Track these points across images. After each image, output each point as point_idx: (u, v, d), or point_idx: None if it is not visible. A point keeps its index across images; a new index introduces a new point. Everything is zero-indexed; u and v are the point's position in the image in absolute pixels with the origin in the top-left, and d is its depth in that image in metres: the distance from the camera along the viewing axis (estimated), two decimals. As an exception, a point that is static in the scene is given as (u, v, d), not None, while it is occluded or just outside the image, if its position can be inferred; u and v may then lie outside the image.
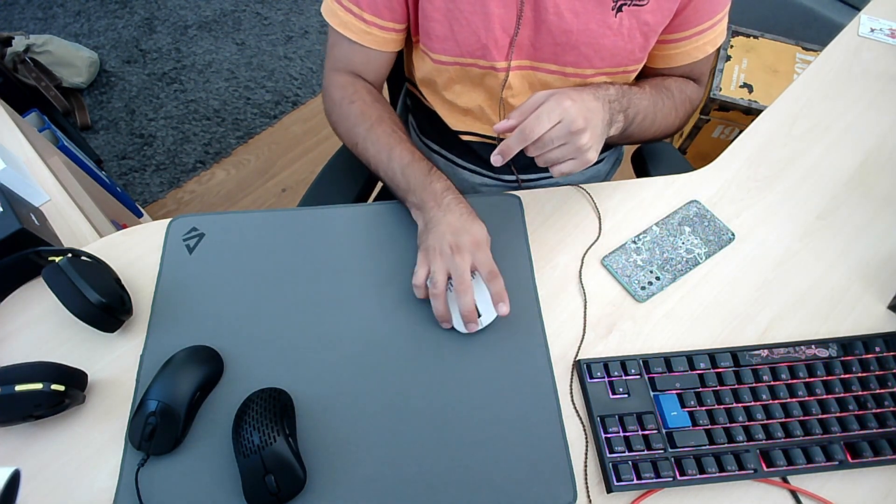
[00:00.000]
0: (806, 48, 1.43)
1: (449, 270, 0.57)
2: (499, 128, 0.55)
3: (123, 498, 0.51)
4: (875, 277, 0.64)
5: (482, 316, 0.58)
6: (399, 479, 0.52)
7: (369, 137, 0.66)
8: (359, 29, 0.66)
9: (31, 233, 0.60)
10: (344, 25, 0.66)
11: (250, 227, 0.66)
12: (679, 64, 0.70)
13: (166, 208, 1.60)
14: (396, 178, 0.64)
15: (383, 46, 0.68)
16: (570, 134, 0.53)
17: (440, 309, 0.58)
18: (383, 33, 0.66)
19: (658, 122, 0.69)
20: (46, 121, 1.32)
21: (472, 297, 0.56)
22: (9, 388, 0.49)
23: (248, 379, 0.57)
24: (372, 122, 0.67)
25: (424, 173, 0.62)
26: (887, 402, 0.56)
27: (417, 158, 0.64)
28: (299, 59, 1.90)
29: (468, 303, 0.56)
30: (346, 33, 0.66)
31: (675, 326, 0.61)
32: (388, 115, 0.68)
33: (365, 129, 0.66)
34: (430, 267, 0.58)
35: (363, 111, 0.67)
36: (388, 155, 0.64)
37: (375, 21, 0.65)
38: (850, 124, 0.76)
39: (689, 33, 0.66)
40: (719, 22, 0.67)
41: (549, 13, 0.60)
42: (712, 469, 0.52)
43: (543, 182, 0.83)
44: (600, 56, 0.64)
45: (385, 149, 0.65)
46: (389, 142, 0.65)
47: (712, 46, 0.69)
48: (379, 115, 0.67)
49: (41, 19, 1.95)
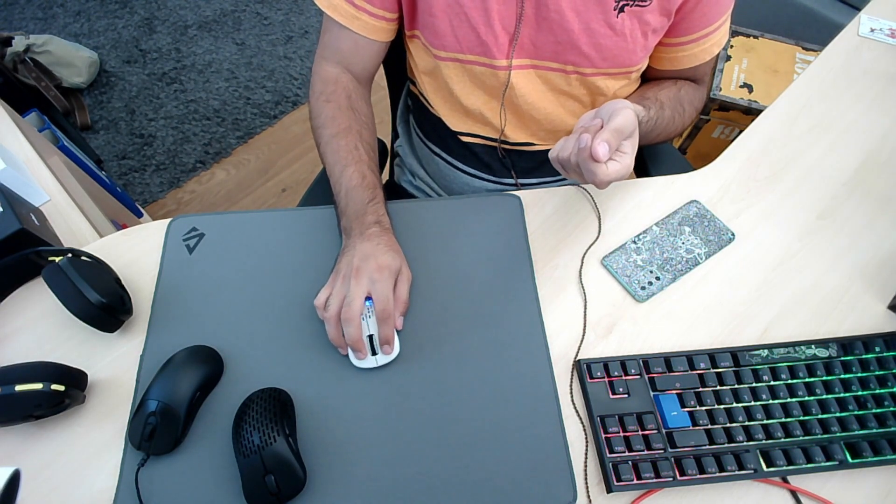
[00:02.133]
0: (806, 48, 1.43)
1: (343, 295, 0.55)
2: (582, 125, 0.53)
3: (123, 498, 0.51)
4: (875, 277, 0.64)
5: (377, 354, 0.56)
6: (399, 479, 0.52)
7: (330, 144, 0.65)
8: (347, 13, 0.65)
9: (31, 233, 0.60)
10: (333, 8, 0.65)
11: (250, 227, 0.66)
12: (684, 66, 0.70)
13: (166, 208, 1.60)
14: (339, 197, 0.63)
15: (372, 34, 0.68)
16: (631, 141, 0.53)
17: (331, 333, 0.56)
18: (373, 20, 0.66)
19: (663, 135, 0.70)
20: (46, 121, 1.32)
21: (356, 328, 0.54)
22: (9, 388, 0.49)
23: (248, 379, 0.57)
24: (338, 130, 0.66)
25: (364, 202, 0.61)
26: (887, 402, 0.56)
27: (366, 185, 0.62)
28: (299, 59, 1.89)
29: (351, 333, 0.54)
30: (335, 16, 0.66)
31: (675, 326, 0.61)
32: (357, 126, 0.67)
33: (329, 135, 0.66)
34: (330, 290, 0.57)
35: (333, 116, 0.67)
36: (340, 170, 0.63)
37: (365, 6, 0.65)
38: (850, 124, 0.76)
39: (696, 36, 0.67)
40: (724, 23, 0.67)
41: (550, 11, 0.60)
42: (712, 469, 0.52)
43: (542, 186, 0.83)
44: (602, 56, 0.64)
45: (340, 163, 0.64)
46: (346, 158, 0.64)
47: (717, 48, 0.69)
48: (347, 126, 0.66)
49: (41, 19, 1.95)
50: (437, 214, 0.68)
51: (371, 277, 0.56)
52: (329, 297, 0.56)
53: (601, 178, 0.51)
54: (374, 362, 0.57)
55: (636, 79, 0.74)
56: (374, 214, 0.61)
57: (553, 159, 0.55)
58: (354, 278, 0.56)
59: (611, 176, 0.51)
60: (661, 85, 0.72)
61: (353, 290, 0.55)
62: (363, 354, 0.56)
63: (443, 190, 0.87)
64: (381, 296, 0.56)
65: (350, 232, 0.60)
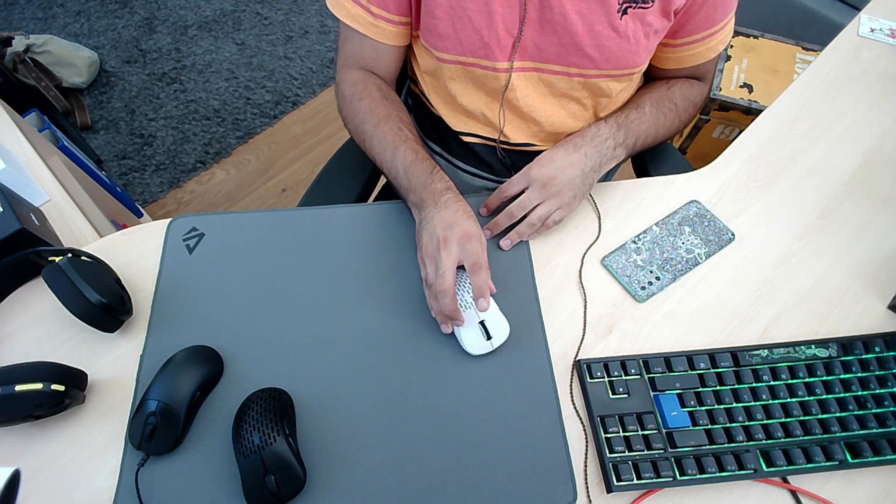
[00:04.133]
0: (806, 48, 1.43)
1: (435, 269, 0.57)
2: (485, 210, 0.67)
3: (123, 498, 0.51)
4: (875, 277, 0.64)
5: (492, 338, 0.57)
6: (399, 479, 0.52)
7: (375, 135, 0.66)
8: (367, 21, 0.66)
9: (31, 233, 0.60)
10: (352, 18, 0.66)
11: (250, 227, 0.66)
12: (690, 65, 0.71)
13: (166, 208, 1.60)
14: (399, 177, 0.64)
15: (392, 40, 0.68)
16: (543, 192, 0.62)
17: (434, 308, 0.58)
18: (391, 27, 0.67)
19: (661, 134, 0.71)
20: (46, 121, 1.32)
21: (450, 298, 0.55)
22: (9, 388, 0.49)
23: (248, 379, 0.57)
24: (379, 119, 0.67)
25: (426, 172, 0.62)
26: (887, 402, 0.56)
27: (421, 158, 0.64)
28: (299, 59, 1.89)
29: (446, 304, 0.55)
30: (355, 26, 0.66)
31: (675, 326, 0.61)
32: (395, 113, 0.68)
33: (371, 127, 0.67)
34: (424, 269, 0.58)
35: (371, 108, 0.68)
36: (392, 153, 0.64)
37: (383, 14, 0.65)
38: (850, 124, 0.76)
39: (701, 35, 0.67)
40: (730, 21, 0.67)
41: (554, 13, 0.60)
42: (712, 469, 0.52)
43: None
44: (605, 58, 0.64)
45: (390, 147, 0.65)
46: (394, 140, 0.65)
47: (722, 45, 0.69)
48: (387, 113, 0.67)
49: (41, 19, 1.95)
50: (437, 214, 0.68)
51: (460, 245, 0.57)
52: (426, 277, 0.58)
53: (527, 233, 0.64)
54: (490, 346, 0.57)
55: (637, 80, 0.74)
56: (441, 182, 0.62)
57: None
58: (444, 249, 0.56)
59: (527, 232, 0.64)
60: (648, 87, 0.73)
61: (444, 262, 0.56)
62: (461, 321, 0.57)
63: (443, 190, 0.87)
64: (472, 252, 0.57)
65: (423, 204, 0.61)
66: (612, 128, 0.67)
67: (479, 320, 0.58)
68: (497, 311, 0.58)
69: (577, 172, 0.63)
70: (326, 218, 0.67)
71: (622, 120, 0.68)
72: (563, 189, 0.62)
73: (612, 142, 0.66)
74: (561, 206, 0.63)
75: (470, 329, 0.57)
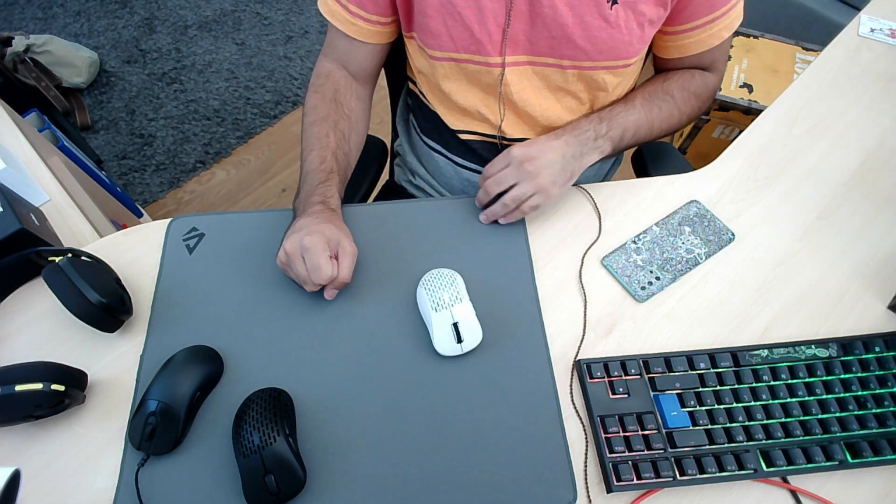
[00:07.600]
0: (806, 48, 1.43)
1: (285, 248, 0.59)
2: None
3: (123, 498, 0.51)
4: (875, 277, 0.64)
5: (463, 342, 0.57)
6: (399, 479, 0.52)
7: (306, 131, 0.69)
8: (343, 19, 0.68)
9: (31, 233, 0.60)
10: (331, 14, 0.69)
11: (250, 227, 0.66)
12: (692, 53, 0.69)
13: (166, 208, 1.60)
14: (299, 178, 0.67)
15: (368, 38, 0.70)
16: (521, 171, 0.62)
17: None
18: (368, 25, 0.68)
19: (657, 127, 0.70)
20: (46, 121, 1.32)
21: (300, 265, 0.57)
22: (9, 388, 0.49)
23: (248, 379, 0.57)
24: (316, 117, 0.69)
25: (315, 184, 0.64)
26: (887, 402, 0.56)
27: (321, 168, 0.65)
28: (299, 59, 1.89)
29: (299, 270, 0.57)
30: (333, 21, 0.69)
31: (675, 326, 0.61)
32: (335, 116, 0.69)
33: (308, 122, 0.70)
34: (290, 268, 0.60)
35: (315, 105, 0.70)
36: (307, 154, 0.67)
37: (359, 13, 0.67)
38: (850, 124, 0.76)
39: (701, 22, 0.65)
40: (733, 7, 0.65)
41: (543, 6, 0.60)
42: (712, 469, 0.52)
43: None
44: (598, 49, 0.63)
45: (307, 147, 0.67)
46: (315, 143, 0.67)
47: (728, 31, 0.67)
48: (325, 115, 0.69)
49: (41, 19, 1.95)
50: (437, 214, 0.68)
51: (300, 239, 0.57)
52: (299, 275, 0.59)
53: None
54: (460, 349, 0.58)
55: (634, 73, 0.73)
56: (320, 195, 0.63)
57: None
58: (286, 240, 0.58)
59: (499, 212, 0.65)
60: (645, 82, 0.73)
61: (285, 244, 0.58)
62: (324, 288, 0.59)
63: (443, 188, 0.87)
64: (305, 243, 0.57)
65: (297, 210, 0.63)
66: (594, 120, 0.67)
67: (453, 322, 0.57)
68: (472, 316, 0.58)
69: (557, 157, 0.63)
70: (326, 218, 0.67)
71: (605, 113, 0.68)
72: (541, 171, 0.62)
73: (592, 133, 0.66)
74: (538, 191, 0.63)
75: (442, 329, 0.57)
